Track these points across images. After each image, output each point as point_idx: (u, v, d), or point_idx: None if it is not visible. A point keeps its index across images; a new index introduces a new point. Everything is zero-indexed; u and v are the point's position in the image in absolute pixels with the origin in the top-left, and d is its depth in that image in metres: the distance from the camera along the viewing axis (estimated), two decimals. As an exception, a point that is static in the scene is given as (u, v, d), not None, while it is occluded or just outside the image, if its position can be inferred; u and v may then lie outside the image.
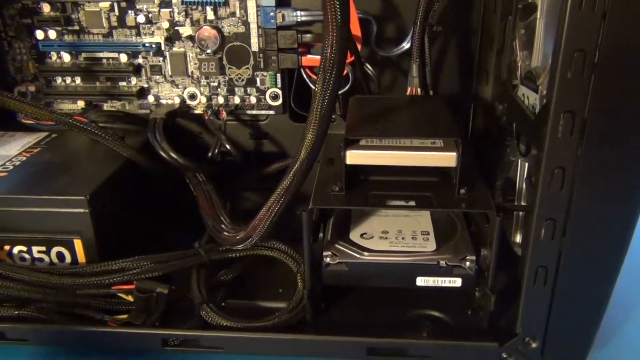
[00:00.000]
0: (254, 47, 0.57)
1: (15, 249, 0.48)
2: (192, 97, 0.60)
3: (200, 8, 0.56)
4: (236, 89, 0.59)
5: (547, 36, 0.42)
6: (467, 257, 0.45)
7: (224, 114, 0.59)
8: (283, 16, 0.54)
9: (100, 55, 0.59)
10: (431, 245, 0.47)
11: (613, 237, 0.39)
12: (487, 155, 0.56)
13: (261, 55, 0.57)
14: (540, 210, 0.38)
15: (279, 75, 0.58)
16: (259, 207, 0.44)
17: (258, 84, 0.59)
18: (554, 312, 0.41)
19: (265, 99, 0.59)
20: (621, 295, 0.43)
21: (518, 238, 0.49)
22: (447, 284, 0.45)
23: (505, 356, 0.43)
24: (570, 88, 0.34)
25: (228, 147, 0.58)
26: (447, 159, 0.43)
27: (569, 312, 0.41)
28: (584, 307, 0.41)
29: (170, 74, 0.59)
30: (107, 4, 0.57)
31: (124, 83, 0.60)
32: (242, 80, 0.59)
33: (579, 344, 0.44)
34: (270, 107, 0.60)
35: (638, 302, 0.53)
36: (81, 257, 0.48)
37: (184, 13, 0.56)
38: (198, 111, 0.60)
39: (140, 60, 0.59)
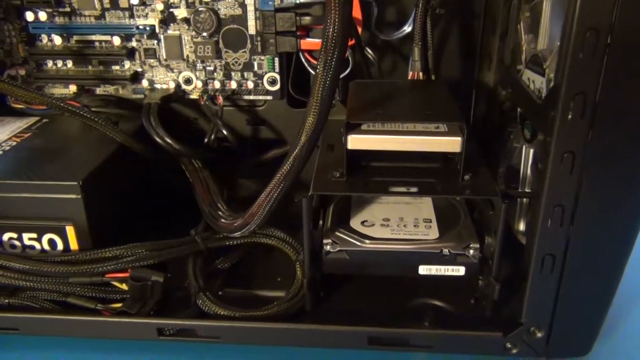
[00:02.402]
0: (251, 30, 0.55)
1: (6, 236, 0.47)
2: (188, 81, 0.58)
3: (196, -11, 0.54)
4: (233, 74, 0.58)
5: (554, 18, 0.41)
6: (471, 245, 0.44)
7: (220, 99, 0.57)
8: (281, -2, 0.53)
9: (93, 38, 0.57)
10: (434, 233, 0.46)
11: (622, 224, 0.38)
12: (489, 141, 0.55)
13: (259, 38, 0.56)
14: (549, 197, 0.37)
15: (276, 59, 0.57)
16: (256, 194, 0.43)
17: (255, 68, 0.57)
18: (560, 302, 0.40)
19: (262, 83, 0.58)
20: (627, 285, 0.42)
21: (522, 226, 0.49)
22: (450, 273, 0.45)
23: (509, 346, 0.43)
24: (581, 69, 0.33)
25: (225, 132, 0.56)
26: (452, 143, 0.42)
27: (575, 302, 0.41)
28: (590, 297, 0.41)
29: (164, 57, 0.57)
30: (99, -15, 0.55)
31: (117, 67, 0.58)
32: (239, 64, 0.57)
33: (585, 334, 0.43)
34: (267, 92, 0.58)
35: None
36: (74, 244, 0.47)
37: (179, -6, 0.55)
38: (194, 96, 0.59)
39: (133, 44, 0.57)
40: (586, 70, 0.33)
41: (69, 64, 0.59)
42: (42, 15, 0.56)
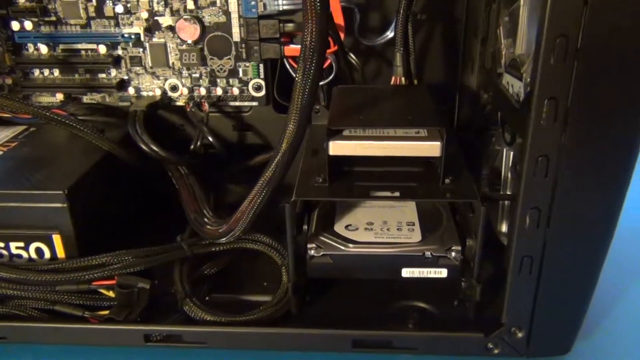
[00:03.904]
0: (236, 37, 0.56)
1: (-7, 246, 0.47)
2: (174, 88, 0.59)
3: (180, -3, 0.55)
4: (218, 80, 0.58)
5: (531, 23, 0.42)
6: (453, 248, 0.45)
7: (206, 106, 0.58)
8: (264, 5, 0.53)
9: (79, 46, 0.58)
10: (416, 236, 0.46)
11: (598, 226, 0.38)
12: (473, 145, 0.55)
13: (243, 45, 0.56)
14: (525, 199, 0.38)
15: (261, 65, 0.57)
16: (242, 199, 0.44)
17: (240, 74, 0.58)
18: (539, 302, 0.41)
19: (248, 90, 0.58)
20: (606, 284, 0.42)
21: (504, 227, 0.49)
22: (432, 275, 0.45)
23: (491, 346, 0.43)
24: (553, 74, 0.34)
25: (211, 139, 0.57)
26: (432, 148, 0.43)
27: (554, 302, 0.41)
28: (569, 297, 0.41)
29: (150, 65, 0.58)
30: (84, -6, 0.55)
31: (103, 75, 0.59)
32: (224, 71, 0.58)
33: (565, 333, 0.44)
34: (253, 99, 0.59)
35: (623, 291, 0.53)
36: (60, 252, 0.47)
37: (163, 2, 0.55)
38: (180, 103, 0.59)
39: (119, 52, 0.58)
40: (557, 75, 0.34)
41: (56, 72, 0.59)
42: (28, 25, 0.57)
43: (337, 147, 0.43)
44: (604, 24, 0.32)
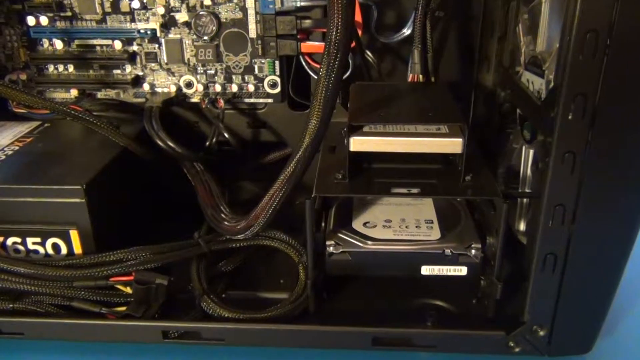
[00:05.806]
0: (252, 33, 0.56)
1: (9, 241, 0.47)
2: (189, 85, 0.59)
3: (196, -7, 0.55)
4: (234, 77, 0.58)
5: (553, 20, 0.42)
6: (473, 245, 0.44)
7: (221, 103, 0.57)
8: (282, 1, 0.53)
9: (94, 42, 0.57)
10: (435, 234, 0.46)
11: (623, 223, 0.38)
12: (489, 143, 0.55)
13: (259, 41, 0.56)
14: (550, 196, 0.37)
15: (277, 62, 0.57)
16: (257, 197, 0.43)
17: (256, 71, 0.57)
18: (562, 300, 0.41)
19: (263, 86, 0.58)
20: (628, 283, 0.42)
21: (522, 226, 0.49)
22: (452, 273, 0.45)
23: (512, 345, 0.43)
24: (581, 70, 0.34)
25: (226, 136, 0.56)
26: (453, 145, 0.42)
27: (577, 300, 0.41)
28: (592, 294, 0.41)
29: (166, 61, 0.58)
30: (100, -11, 0.55)
31: (118, 71, 0.59)
32: (240, 67, 0.57)
33: (587, 332, 0.43)
34: (268, 95, 0.58)
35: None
36: (77, 248, 0.47)
37: (179, -2, 0.55)
38: (195, 100, 0.59)
39: (135, 48, 0.58)
40: (586, 71, 0.34)
41: (70, 68, 0.59)
42: (44, 20, 0.57)
43: (358, 143, 0.43)
44: (635, 19, 0.32)
